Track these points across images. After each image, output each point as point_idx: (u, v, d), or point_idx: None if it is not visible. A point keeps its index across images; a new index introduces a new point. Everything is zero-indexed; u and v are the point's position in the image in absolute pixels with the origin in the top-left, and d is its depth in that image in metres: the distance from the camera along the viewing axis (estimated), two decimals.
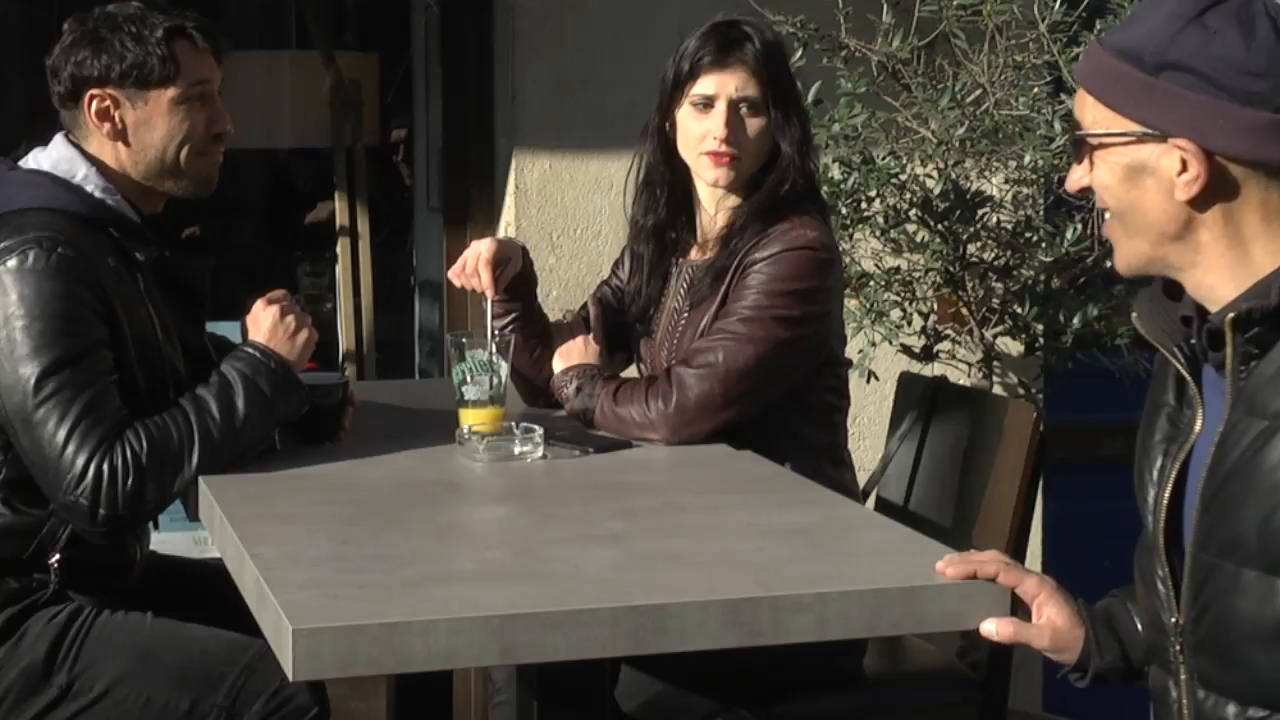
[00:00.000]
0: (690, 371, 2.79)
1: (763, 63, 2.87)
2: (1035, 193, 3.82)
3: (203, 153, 2.78)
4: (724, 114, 2.87)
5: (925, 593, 2.09)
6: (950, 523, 2.99)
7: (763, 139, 2.89)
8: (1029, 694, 4.28)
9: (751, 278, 2.83)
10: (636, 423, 2.80)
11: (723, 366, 2.79)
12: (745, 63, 2.87)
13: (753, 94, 2.88)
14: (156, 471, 2.56)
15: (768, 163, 2.91)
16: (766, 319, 2.80)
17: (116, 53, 2.70)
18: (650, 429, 2.79)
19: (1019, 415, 2.91)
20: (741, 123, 2.88)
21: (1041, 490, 3.07)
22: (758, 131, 2.89)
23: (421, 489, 2.57)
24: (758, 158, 2.90)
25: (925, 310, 3.81)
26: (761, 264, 2.83)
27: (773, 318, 2.81)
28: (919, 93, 3.68)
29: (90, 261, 2.62)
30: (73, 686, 2.64)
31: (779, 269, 2.82)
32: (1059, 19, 3.58)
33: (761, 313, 2.81)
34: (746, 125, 2.88)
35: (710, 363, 2.79)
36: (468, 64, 4.20)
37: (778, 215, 2.87)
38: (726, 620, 2.02)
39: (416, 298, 5.00)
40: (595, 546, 2.25)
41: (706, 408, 2.78)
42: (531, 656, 1.99)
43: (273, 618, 1.99)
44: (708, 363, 2.79)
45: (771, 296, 2.81)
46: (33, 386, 2.56)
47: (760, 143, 2.89)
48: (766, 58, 2.88)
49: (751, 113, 2.88)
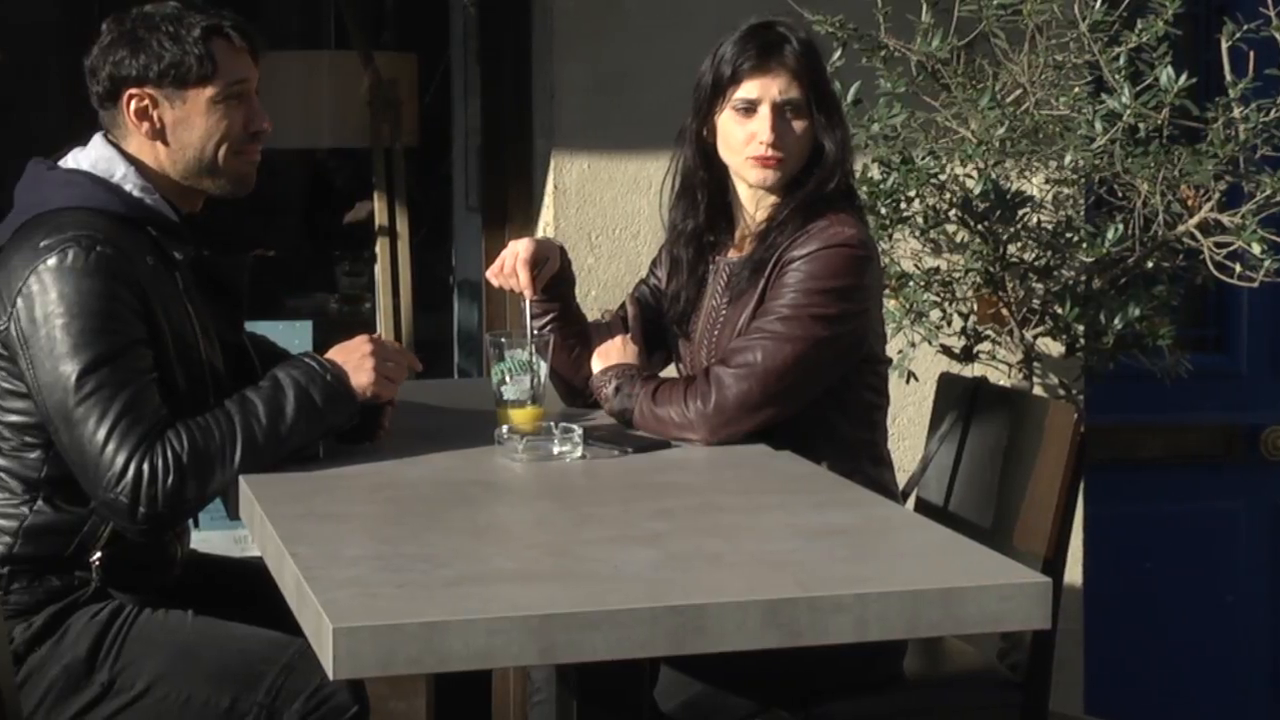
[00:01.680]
0: (729, 371, 2.79)
1: (803, 64, 2.88)
2: (1076, 193, 3.80)
3: (240, 151, 2.79)
4: (769, 118, 2.87)
5: (965, 594, 2.09)
6: (990, 524, 2.98)
7: (806, 140, 2.90)
8: (1069, 696, 4.26)
9: (789, 276, 2.83)
10: (675, 423, 2.80)
11: (761, 366, 2.78)
12: (786, 65, 2.87)
13: (795, 96, 2.88)
14: (197, 471, 2.57)
15: (807, 162, 2.91)
16: (804, 317, 2.80)
17: (154, 52, 2.71)
18: (689, 429, 2.79)
19: (1059, 416, 2.89)
20: (787, 125, 2.88)
21: (1082, 492, 3.06)
22: (802, 133, 2.89)
23: (460, 488, 2.57)
24: (801, 158, 2.90)
25: (965, 311, 3.80)
26: (799, 262, 2.83)
27: (811, 316, 2.80)
28: (959, 92, 3.67)
29: (129, 260, 2.63)
30: (114, 684, 2.65)
31: (816, 267, 2.82)
32: (1100, 18, 3.56)
33: (799, 311, 2.80)
34: (792, 127, 2.88)
35: (749, 362, 2.78)
36: (506, 64, 4.20)
37: (816, 213, 2.87)
38: (765, 620, 2.02)
39: (455, 298, 5.00)
40: (634, 546, 2.25)
41: (745, 407, 2.77)
42: (570, 656, 1.99)
43: (313, 616, 2.00)
44: (746, 362, 2.79)
45: (809, 295, 2.81)
46: (73, 384, 2.57)
47: (804, 144, 2.90)
48: (806, 59, 2.88)
49: (796, 115, 2.88)
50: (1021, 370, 3.82)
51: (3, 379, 2.67)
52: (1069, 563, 2.97)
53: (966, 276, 3.74)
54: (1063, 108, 3.62)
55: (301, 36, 6.74)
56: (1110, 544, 4.42)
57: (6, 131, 5.46)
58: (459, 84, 4.90)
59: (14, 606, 2.66)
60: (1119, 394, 4.32)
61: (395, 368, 2.76)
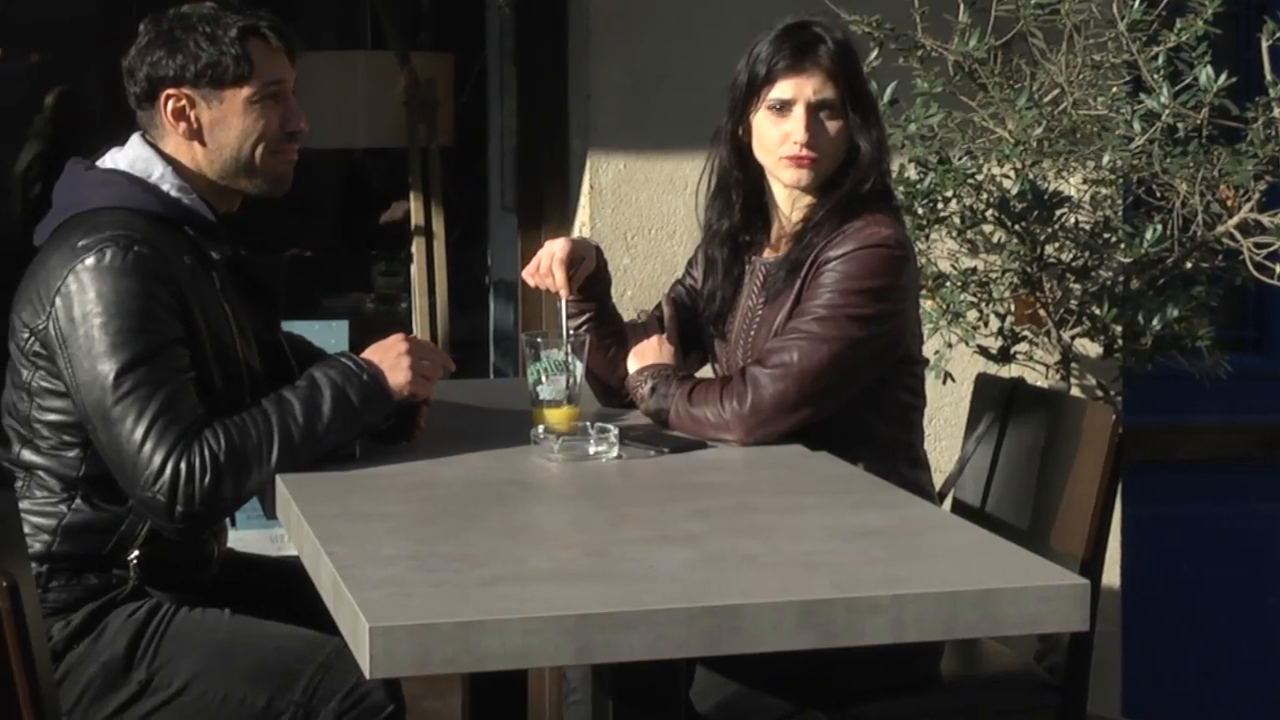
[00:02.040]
0: (765, 371, 2.78)
1: (838, 64, 2.87)
2: (1114, 193, 3.78)
3: (277, 151, 2.79)
4: (803, 118, 2.86)
5: (1002, 595, 2.08)
6: (1027, 525, 2.97)
7: (841, 140, 2.89)
8: (1107, 698, 4.24)
9: (826, 276, 2.82)
10: (711, 423, 2.79)
11: (797, 366, 2.77)
12: (821, 65, 2.86)
13: (830, 96, 2.87)
14: (234, 470, 2.58)
15: (843, 162, 2.90)
16: (841, 318, 2.79)
17: (191, 53, 2.72)
18: (725, 429, 2.79)
19: (1097, 417, 2.88)
20: (821, 125, 2.87)
21: (1120, 493, 3.04)
22: (837, 133, 2.88)
23: (496, 488, 2.57)
24: (836, 159, 2.89)
25: (1002, 311, 3.79)
26: (835, 262, 2.82)
27: (847, 316, 2.79)
28: (996, 92, 3.66)
29: (166, 260, 2.64)
30: (151, 682, 2.66)
31: (853, 267, 2.81)
32: (1138, 18, 3.54)
33: (836, 311, 2.80)
34: (826, 128, 2.87)
35: (785, 362, 2.78)
36: (542, 64, 4.20)
37: (852, 213, 2.86)
38: (802, 621, 2.01)
39: (491, 297, 5.01)
40: (670, 547, 2.25)
41: (781, 407, 2.77)
42: (606, 656, 1.98)
43: (349, 615, 2.00)
44: (782, 362, 2.78)
45: (846, 295, 2.80)
46: (111, 383, 2.58)
47: (839, 144, 2.89)
48: (841, 59, 2.87)
49: (830, 115, 2.87)
50: (1059, 371, 3.80)
51: (41, 378, 2.68)
52: (1107, 564, 2.94)
53: (1004, 277, 3.72)
54: (1101, 107, 3.61)
55: (338, 37, 6.76)
56: (1148, 546, 4.40)
57: None
58: (495, 84, 4.91)
59: (52, 604, 2.67)
60: (1157, 395, 4.29)
61: (431, 366, 2.76)
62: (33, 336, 2.66)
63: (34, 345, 2.66)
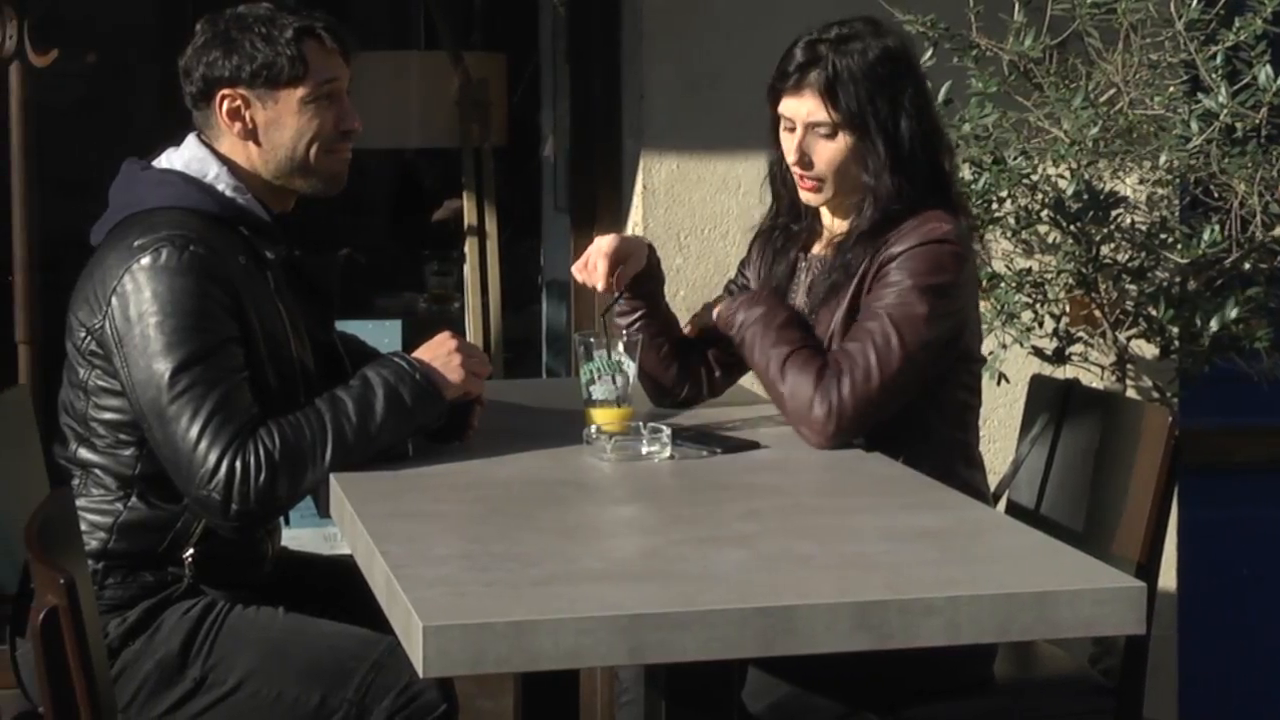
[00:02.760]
0: (847, 381, 2.75)
1: (833, 87, 2.82)
2: (1170, 193, 3.76)
3: (332, 150, 2.80)
4: (798, 138, 2.87)
5: (1058, 598, 2.06)
6: (1082, 528, 2.95)
7: (844, 160, 2.85)
8: (1164, 702, 4.21)
9: (891, 275, 2.80)
10: (791, 405, 2.76)
11: (876, 373, 2.75)
12: (813, 87, 2.83)
13: (822, 119, 2.84)
14: (288, 469, 2.59)
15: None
16: (910, 318, 2.77)
17: (247, 53, 2.74)
18: (805, 424, 2.76)
19: (1153, 419, 2.86)
20: (817, 147, 2.86)
21: (1177, 496, 3.02)
22: (834, 156, 2.85)
23: (549, 488, 2.57)
24: (843, 177, 2.87)
25: (1057, 312, 3.76)
26: (899, 259, 2.80)
27: (916, 315, 2.77)
28: (1051, 92, 3.64)
29: (221, 259, 2.66)
30: (206, 679, 2.68)
31: (917, 264, 2.79)
32: (1195, 17, 3.52)
33: (905, 311, 2.77)
34: (820, 149, 2.86)
35: (867, 369, 2.74)
36: (595, 64, 4.20)
37: (903, 212, 2.84)
38: (856, 623, 2.00)
39: (544, 297, 5.01)
40: (723, 547, 2.25)
41: (862, 416, 2.75)
42: (659, 656, 1.98)
43: (402, 614, 2.00)
44: (863, 370, 2.74)
45: (913, 293, 2.78)
46: (166, 382, 2.59)
47: (842, 164, 2.86)
48: (838, 81, 2.82)
49: (826, 137, 2.85)
50: (1114, 372, 3.78)
51: (97, 377, 2.69)
52: (1163, 568, 2.92)
53: (1059, 278, 3.70)
54: (1157, 107, 3.58)
55: (391, 37, 6.78)
56: (1205, 549, 4.36)
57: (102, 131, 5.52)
58: (548, 84, 4.92)
59: (109, 601, 2.69)
60: (1214, 397, 4.25)
61: (479, 364, 2.77)
62: (89, 336, 2.67)
63: (90, 345, 2.68)
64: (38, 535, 2.19)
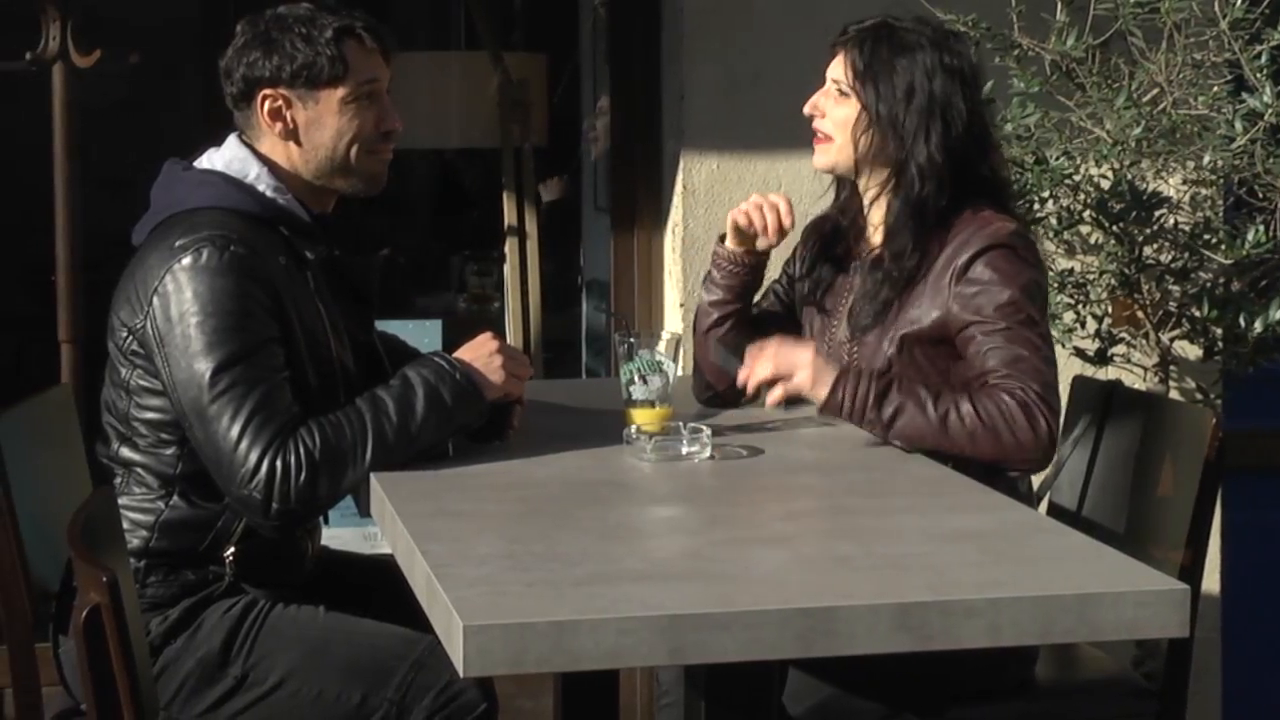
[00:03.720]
0: (1032, 400, 2.71)
1: (867, 57, 2.84)
2: (1214, 194, 3.73)
3: (372, 151, 2.81)
4: (821, 90, 2.90)
5: (1100, 600, 2.06)
6: (1125, 530, 2.94)
7: (850, 126, 2.86)
8: (1207, 706, 4.18)
9: (983, 283, 2.77)
10: (1006, 441, 2.69)
11: (1037, 383, 2.72)
12: (849, 47, 2.87)
13: (839, 76, 2.88)
14: (329, 468, 2.59)
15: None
16: (1026, 322, 2.76)
17: (287, 53, 2.74)
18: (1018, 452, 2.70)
19: (1197, 421, 2.84)
20: (830, 103, 2.89)
21: (1220, 498, 3.00)
22: (844, 117, 2.87)
23: (589, 488, 2.57)
24: (851, 145, 2.87)
25: (1099, 313, 3.75)
26: (980, 265, 2.78)
27: (1026, 317, 2.77)
28: (1094, 92, 3.62)
29: (262, 260, 2.66)
30: (247, 677, 2.68)
31: (1003, 266, 2.78)
32: (1240, 16, 3.49)
33: (1016, 317, 2.76)
34: (833, 106, 2.88)
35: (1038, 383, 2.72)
36: (635, 64, 4.20)
37: (946, 214, 2.83)
38: (896, 624, 2.00)
39: (583, 297, 5.01)
40: (764, 548, 2.24)
41: (1054, 428, 2.73)
42: (700, 657, 1.98)
43: (443, 614, 2.01)
44: (1037, 386, 2.72)
45: (1016, 296, 2.77)
46: (207, 381, 2.60)
47: (850, 130, 2.86)
48: (875, 55, 2.84)
49: (840, 97, 2.88)
50: (1157, 374, 3.76)
51: (139, 376, 2.70)
52: (1206, 570, 2.90)
53: (1101, 278, 3.68)
54: (1201, 107, 3.56)
55: (432, 37, 6.80)
56: (1249, 552, 4.33)
57: (144, 132, 5.55)
58: (588, 84, 4.92)
59: (150, 600, 2.70)
60: (1259, 398, 4.23)
61: (519, 365, 2.77)
62: (130, 336, 2.69)
63: (132, 344, 2.69)
64: (80, 533, 2.20)
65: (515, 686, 3.79)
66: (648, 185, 4.16)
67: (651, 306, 4.10)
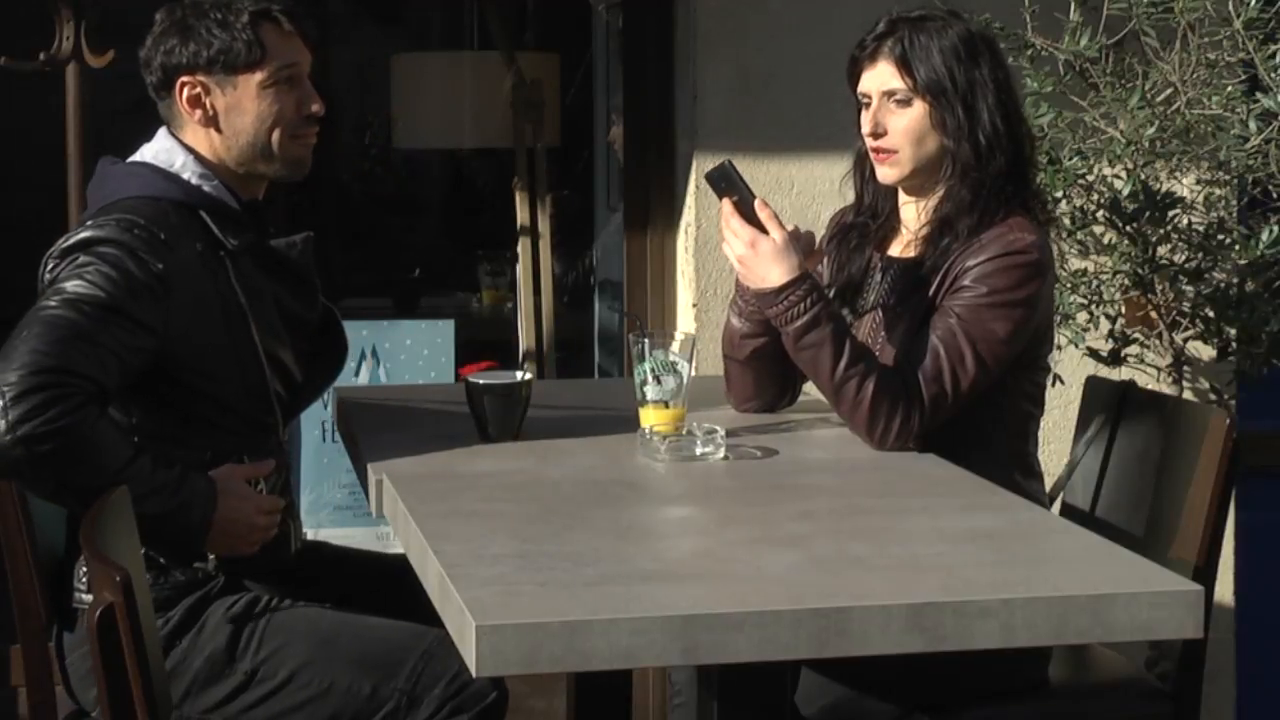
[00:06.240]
0: (919, 399, 2.73)
1: (907, 55, 2.82)
2: (1229, 194, 3.72)
3: (295, 135, 2.81)
4: (873, 109, 2.85)
5: (1114, 601, 2.05)
6: (1138, 530, 2.93)
7: (920, 132, 2.83)
8: (1221, 707, 4.18)
9: (968, 286, 2.76)
10: (864, 412, 2.72)
11: (950, 391, 2.73)
12: (891, 56, 2.83)
13: (896, 85, 2.83)
14: (68, 447, 2.49)
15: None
16: (985, 337, 2.74)
17: (203, 39, 2.75)
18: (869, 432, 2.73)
19: (1211, 421, 2.83)
20: (890, 116, 2.84)
21: (1234, 499, 2.99)
22: (909, 124, 2.83)
23: (602, 488, 2.57)
24: (920, 149, 2.84)
25: (1113, 313, 3.74)
26: (976, 271, 2.77)
27: (990, 330, 2.75)
28: (1107, 92, 3.61)
29: (168, 246, 2.65)
30: (257, 673, 2.68)
31: (996, 280, 2.76)
32: (1254, 15, 3.48)
33: (978, 329, 2.74)
34: (896, 118, 2.84)
35: (943, 385, 2.73)
36: (648, 64, 4.20)
37: (988, 217, 2.81)
38: (910, 624, 2.00)
39: (596, 297, 5.02)
40: (777, 548, 2.24)
41: (931, 426, 2.74)
42: (713, 657, 1.98)
43: (456, 614, 2.01)
44: (941, 386, 2.73)
45: (990, 310, 2.75)
46: (52, 299, 2.55)
47: (918, 134, 2.83)
48: (914, 50, 2.82)
49: (900, 105, 2.84)
50: (1171, 374, 3.75)
51: None
52: (1220, 571, 2.90)
53: (1114, 278, 3.68)
54: (1215, 107, 3.55)
55: (444, 37, 6.80)
56: (1263, 553, 4.33)
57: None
58: (601, 84, 4.92)
59: (152, 601, 2.69)
60: (1273, 399, 4.22)
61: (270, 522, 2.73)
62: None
63: None
64: (93, 532, 2.20)
65: (528, 686, 3.79)
66: (661, 185, 4.16)
67: (664, 306, 4.10)
